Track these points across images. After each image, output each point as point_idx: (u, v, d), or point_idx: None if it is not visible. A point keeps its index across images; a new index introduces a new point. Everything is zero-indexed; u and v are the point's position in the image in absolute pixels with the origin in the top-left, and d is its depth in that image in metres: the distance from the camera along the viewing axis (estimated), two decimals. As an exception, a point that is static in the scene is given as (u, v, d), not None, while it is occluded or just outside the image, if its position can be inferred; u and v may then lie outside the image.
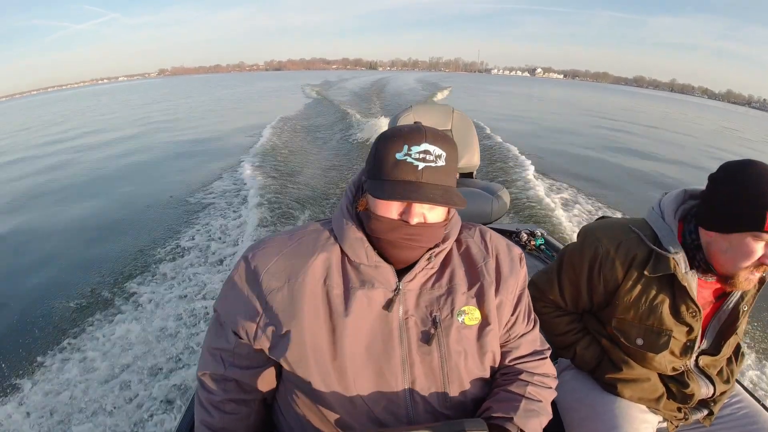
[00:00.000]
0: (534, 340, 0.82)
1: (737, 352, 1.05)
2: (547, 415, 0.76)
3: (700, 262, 0.92)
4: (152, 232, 4.18)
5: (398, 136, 0.68)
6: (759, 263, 0.85)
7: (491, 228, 0.97)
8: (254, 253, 0.75)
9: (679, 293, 0.92)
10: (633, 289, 0.95)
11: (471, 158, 2.46)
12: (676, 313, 0.93)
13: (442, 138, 0.69)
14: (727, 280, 0.90)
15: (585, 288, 1.02)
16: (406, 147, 0.66)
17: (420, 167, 0.66)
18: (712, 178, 0.89)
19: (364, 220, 0.72)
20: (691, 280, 0.92)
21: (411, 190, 0.65)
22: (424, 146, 0.66)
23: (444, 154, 0.67)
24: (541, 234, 2.16)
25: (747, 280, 0.88)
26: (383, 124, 8.07)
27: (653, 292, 0.94)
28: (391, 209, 0.69)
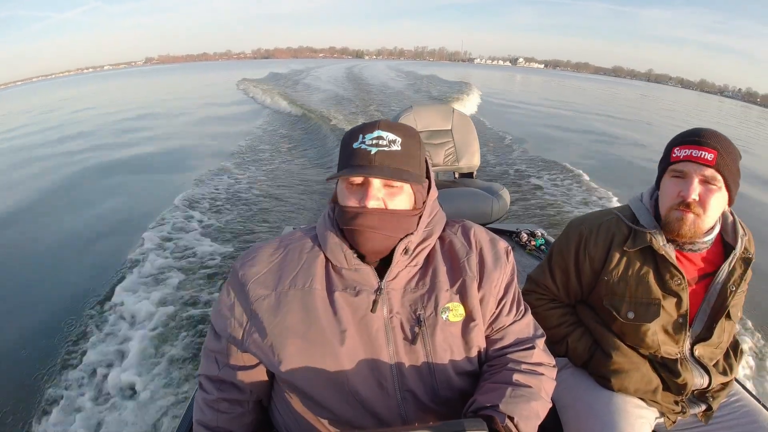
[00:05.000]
0: (521, 329, 0.81)
1: (735, 348, 1.08)
2: (541, 401, 0.74)
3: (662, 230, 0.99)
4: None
5: (356, 129, 0.73)
6: (682, 199, 0.92)
7: (491, 228, 0.97)
8: (243, 263, 0.77)
9: (661, 263, 0.99)
10: (618, 265, 1.02)
11: (471, 159, 2.46)
12: (661, 283, 0.99)
13: (399, 127, 0.72)
14: (666, 227, 0.97)
15: (573, 270, 1.08)
16: (361, 136, 0.70)
17: (373, 151, 0.69)
18: None
19: (336, 216, 0.75)
20: (670, 251, 0.98)
21: (360, 169, 0.69)
22: (377, 133, 0.70)
23: (399, 139, 0.70)
24: (542, 234, 2.18)
25: (679, 220, 0.93)
26: None
27: (637, 265, 1.00)
28: (351, 198, 0.71)
